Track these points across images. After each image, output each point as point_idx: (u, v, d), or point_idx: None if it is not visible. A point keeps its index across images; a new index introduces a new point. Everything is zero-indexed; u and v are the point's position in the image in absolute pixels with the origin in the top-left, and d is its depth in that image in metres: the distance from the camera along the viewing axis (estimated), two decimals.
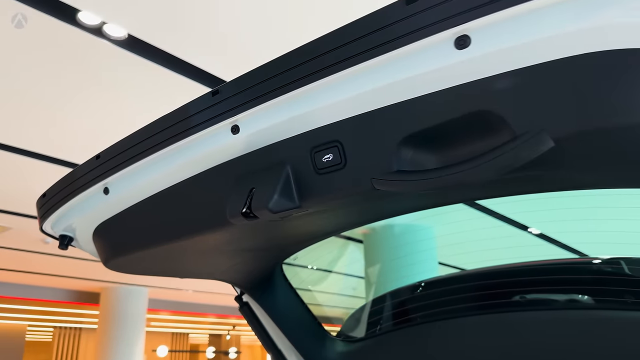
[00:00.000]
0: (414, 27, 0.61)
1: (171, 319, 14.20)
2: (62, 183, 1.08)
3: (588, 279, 1.42)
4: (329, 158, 0.75)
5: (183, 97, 1.21)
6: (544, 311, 1.37)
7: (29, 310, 11.71)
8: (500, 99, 0.62)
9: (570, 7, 0.54)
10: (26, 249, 6.87)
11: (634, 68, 0.55)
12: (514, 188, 0.97)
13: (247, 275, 1.37)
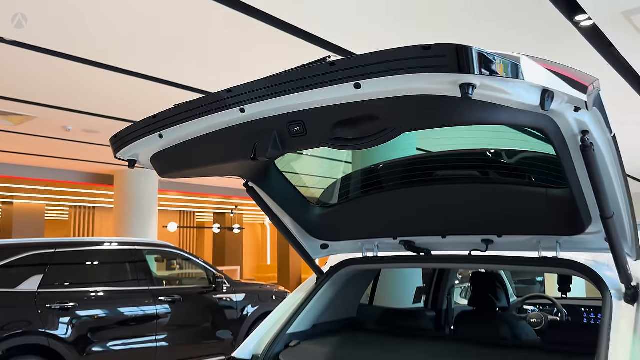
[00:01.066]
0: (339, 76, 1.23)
1: (179, 199, 15.28)
2: (130, 129, 1.71)
3: (482, 163, 2.12)
4: (297, 129, 1.41)
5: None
6: (454, 184, 2.08)
7: (47, 191, 12.70)
8: (379, 110, 1.27)
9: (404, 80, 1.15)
10: (47, 136, 7.54)
11: (428, 100, 1.17)
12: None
13: (251, 172, 2.04)
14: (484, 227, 1.95)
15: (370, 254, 2.31)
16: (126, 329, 5.20)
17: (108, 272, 5.51)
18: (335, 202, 2.38)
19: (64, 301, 4.82)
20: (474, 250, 2.04)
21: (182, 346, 5.59)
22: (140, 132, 1.67)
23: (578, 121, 1.26)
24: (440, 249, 2.19)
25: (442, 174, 2.11)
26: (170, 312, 5.54)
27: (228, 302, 6.18)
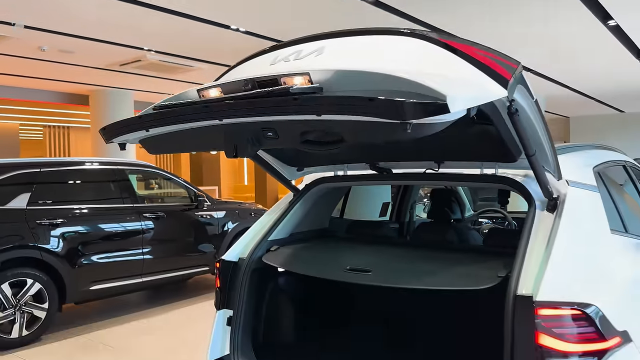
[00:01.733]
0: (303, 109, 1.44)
1: None
2: (118, 125, 1.89)
3: None
4: (270, 134, 1.64)
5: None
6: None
7: (21, 111, 12.57)
8: (337, 128, 1.48)
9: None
10: (22, 56, 7.46)
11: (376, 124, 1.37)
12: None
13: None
14: (438, 155, 2.25)
15: (341, 173, 2.61)
16: (113, 243, 5.53)
17: (93, 191, 5.75)
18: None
19: (53, 217, 5.08)
20: (428, 169, 2.36)
21: (167, 258, 5.99)
22: (127, 128, 1.88)
23: (505, 98, 1.50)
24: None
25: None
26: (155, 228, 5.87)
27: (209, 219, 6.55)
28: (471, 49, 1.49)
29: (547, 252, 1.64)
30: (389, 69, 1.39)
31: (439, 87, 1.27)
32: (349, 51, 1.64)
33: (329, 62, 1.59)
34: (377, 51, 1.61)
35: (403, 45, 1.57)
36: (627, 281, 1.79)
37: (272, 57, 1.80)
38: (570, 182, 1.91)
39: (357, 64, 1.49)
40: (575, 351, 1.48)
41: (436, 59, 1.50)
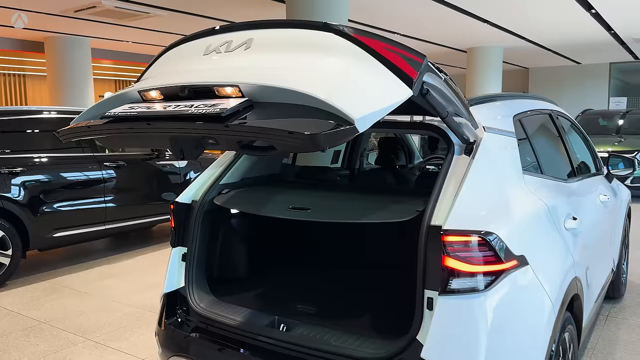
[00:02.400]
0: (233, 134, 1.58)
1: (114, 67, 14.93)
2: (71, 130, 1.92)
3: None
4: (211, 141, 1.75)
5: None
6: None
7: None
8: (268, 140, 1.59)
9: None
10: None
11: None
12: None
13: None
14: None
15: None
16: (75, 191, 5.62)
17: (52, 140, 5.75)
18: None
19: (13, 166, 5.12)
20: None
21: (130, 206, 6.13)
22: (80, 134, 1.95)
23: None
24: None
25: None
26: (116, 177, 5.97)
27: (171, 168, 6.66)
28: (380, 45, 1.62)
29: (459, 188, 1.88)
30: (308, 81, 1.54)
31: (349, 109, 1.41)
32: (273, 48, 1.74)
33: (255, 62, 1.72)
34: (298, 49, 1.71)
35: (321, 41, 1.68)
36: (528, 214, 2.05)
37: (205, 44, 1.89)
38: (487, 128, 2.14)
39: (281, 73, 1.62)
40: (476, 271, 1.74)
41: (348, 59, 1.62)
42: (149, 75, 2.08)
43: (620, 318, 4.04)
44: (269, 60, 1.71)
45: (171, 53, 2.05)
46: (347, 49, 1.64)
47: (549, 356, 1.96)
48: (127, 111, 1.76)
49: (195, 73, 1.80)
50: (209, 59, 1.84)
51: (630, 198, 4.63)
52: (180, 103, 1.69)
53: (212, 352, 2.13)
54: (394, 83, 1.57)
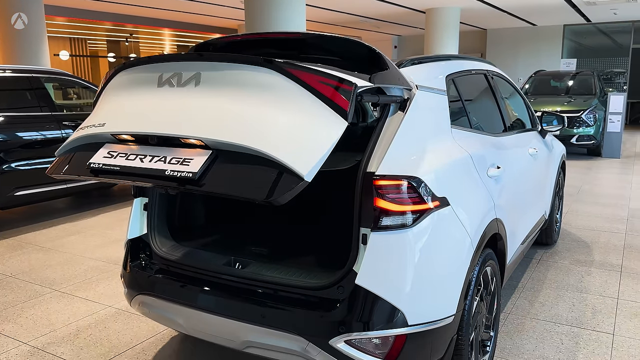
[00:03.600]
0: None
1: (69, 25, 14.50)
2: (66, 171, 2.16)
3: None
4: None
5: None
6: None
7: None
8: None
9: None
10: None
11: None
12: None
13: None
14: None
15: None
16: (34, 150, 5.65)
17: (8, 99, 5.73)
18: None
19: None
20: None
21: None
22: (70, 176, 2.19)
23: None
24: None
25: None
26: None
27: None
28: (314, 78, 1.86)
29: (391, 140, 2.13)
30: (261, 135, 1.79)
31: (299, 165, 1.71)
32: (221, 86, 1.97)
33: (210, 106, 1.93)
34: (244, 89, 1.94)
35: (263, 79, 1.91)
36: (452, 162, 2.32)
37: (156, 73, 2.10)
38: (420, 87, 2.38)
39: (236, 126, 1.85)
40: (403, 210, 2.01)
41: (289, 98, 1.87)
42: (108, 101, 2.26)
43: (551, 261, 4.47)
44: (221, 105, 1.92)
45: (124, 77, 2.22)
46: (286, 87, 1.88)
47: (467, 284, 2.27)
48: (111, 163, 2.03)
49: (160, 117, 2.00)
50: (164, 94, 2.04)
51: (565, 153, 5.02)
52: (153, 153, 1.97)
53: (174, 289, 2.36)
54: (331, 118, 1.82)
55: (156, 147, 1.99)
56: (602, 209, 6.28)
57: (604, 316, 3.42)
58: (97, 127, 2.14)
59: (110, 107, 2.22)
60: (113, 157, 2.04)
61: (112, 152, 2.07)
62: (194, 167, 1.83)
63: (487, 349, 2.70)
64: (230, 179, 1.81)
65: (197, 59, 2.03)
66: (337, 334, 1.99)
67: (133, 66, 2.20)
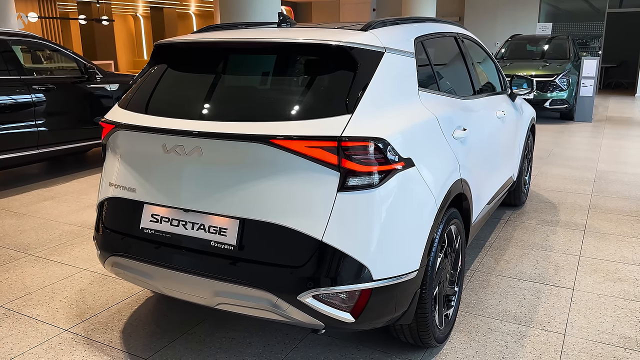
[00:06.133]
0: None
1: None
2: None
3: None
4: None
5: None
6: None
7: None
8: None
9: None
10: None
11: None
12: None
13: None
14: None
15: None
16: (3, 115, 5.55)
17: None
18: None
19: None
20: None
21: (62, 130, 6.13)
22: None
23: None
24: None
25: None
26: (46, 101, 5.92)
27: (103, 92, 6.63)
28: (301, 145, 2.03)
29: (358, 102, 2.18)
30: (276, 210, 2.10)
31: (314, 232, 2.06)
32: (222, 160, 2.18)
33: (217, 176, 2.19)
34: (244, 163, 2.15)
35: (259, 154, 2.11)
36: (418, 124, 2.37)
37: (159, 142, 2.28)
38: (388, 49, 2.41)
39: (253, 202, 2.14)
40: (368, 171, 2.07)
41: (289, 169, 2.08)
42: (124, 159, 2.48)
43: (518, 221, 4.62)
44: (232, 178, 2.17)
45: (128, 138, 2.42)
46: (283, 160, 2.08)
47: (431, 241, 2.36)
48: (161, 229, 2.33)
49: (186, 190, 2.25)
50: (176, 160, 2.26)
51: (535, 116, 5.12)
52: (191, 220, 2.26)
53: (145, 249, 2.40)
54: (326, 179, 2.07)
55: (190, 213, 2.26)
56: (570, 171, 6.45)
57: (565, 272, 3.57)
58: (129, 192, 2.42)
59: (131, 169, 2.43)
60: (159, 222, 2.33)
61: (155, 216, 2.35)
62: (231, 238, 2.17)
63: (452, 304, 2.82)
64: (263, 248, 2.13)
65: (190, 135, 2.18)
66: (305, 289, 2.07)
67: (129, 129, 2.39)
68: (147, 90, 2.53)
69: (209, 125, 2.17)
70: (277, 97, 2.25)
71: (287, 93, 2.26)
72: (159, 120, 2.30)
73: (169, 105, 2.39)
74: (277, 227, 2.10)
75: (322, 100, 2.17)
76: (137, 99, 2.52)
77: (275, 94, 2.27)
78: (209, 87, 2.42)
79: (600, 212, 4.88)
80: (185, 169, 2.26)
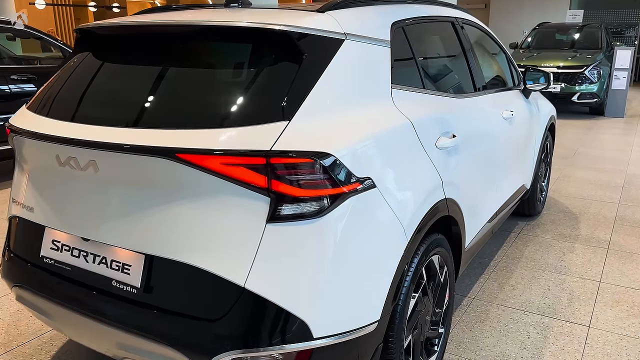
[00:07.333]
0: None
1: None
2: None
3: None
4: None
5: None
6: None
7: None
8: None
9: None
10: None
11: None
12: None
13: None
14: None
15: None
16: None
17: None
18: None
19: None
20: None
21: None
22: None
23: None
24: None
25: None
26: (25, 91, 5.58)
27: None
28: (216, 161, 1.53)
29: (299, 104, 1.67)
30: (189, 246, 1.61)
31: (233, 276, 1.57)
32: (124, 178, 1.70)
33: (119, 201, 1.72)
34: (148, 181, 1.66)
35: (164, 170, 1.61)
36: (382, 132, 1.83)
37: (52, 152, 1.81)
38: (349, 36, 1.89)
39: (159, 235, 1.66)
40: (308, 195, 1.56)
41: (195, 191, 1.59)
42: (23, 173, 2.06)
43: (531, 235, 4.05)
44: (135, 203, 1.70)
45: (26, 145, 1.96)
46: (195, 181, 1.58)
47: (399, 281, 1.85)
48: (61, 260, 1.88)
49: (86, 215, 1.80)
50: (73, 177, 1.80)
51: (555, 114, 4.51)
52: (93, 252, 1.80)
53: (47, 282, 1.96)
54: (251, 207, 1.57)
55: (90, 243, 1.82)
56: (596, 175, 5.81)
57: (581, 303, 3.01)
58: (29, 212, 1.99)
59: (30, 184, 1.99)
60: (59, 251, 1.90)
61: (56, 243, 1.91)
62: (135, 277, 1.71)
63: (435, 349, 2.31)
64: (172, 293, 1.66)
65: (80, 144, 1.71)
66: (223, 350, 1.59)
67: (21, 134, 1.94)
68: (57, 88, 2.06)
69: (104, 133, 1.69)
70: (196, 97, 1.75)
71: (209, 92, 1.76)
72: (54, 124, 1.84)
73: (73, 107, 1.92)
74: (188, 268, 1.62)
75: (252, 103, 1.67)
76: (44, 98, 2.06)
77: (196, 93, 1.77)
78: (120, 84, 1.93)
79: (628, 225, 4.27)
80: (82, 188, 1.79)
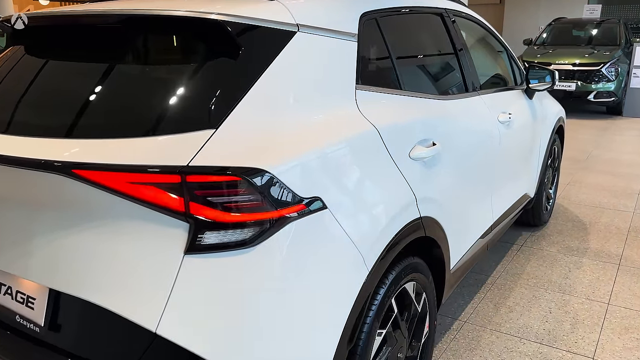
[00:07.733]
0: None
1: None
2: None
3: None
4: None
5: None
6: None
7: None
8: None
9: None
10: None
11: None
12: None
13: None
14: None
15: None
16: None
17: None
18: None
19: None
20: None
21: None
22: None
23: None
24: None
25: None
26: None
27: None
28: (118, 178, 1.25)
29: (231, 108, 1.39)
30: (95, 285, 1.35)
31: (144, 321, 1.30)
32: (15, 204, 1.46)
33: (4, 224, 1.48)
34: (47, 200, 1.40)
35: (53, 191, 1.35)
36: (337, 143, 1.52)
37: None
38: (302, 27, 1.60)
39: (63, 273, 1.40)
40: (237, 220, 1.29)
41: (99, 215, 1.32)
42: None
43: (535, 248, 3.72)
44: (35, 225, 1.43)
45: None
46: (98, 202, 1.30)
47: (357, 317, 1.56)
48: None
49: None
50: None
51: (563, 115, 4.17)
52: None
53: None
54: (165, 235, 1.28)
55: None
56: (611, 180, 5.43)
57: (585, 330, 2.69)
58: None
59: None
60: None
61: None
62: (39, 313, 1.45)
63: None
64: (77, 336, 1.42)
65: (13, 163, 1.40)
66: None
67: None
68: None
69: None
70: (109, 100, 1.47)
71: (125, 95, 1.48)
72: None
73: None
74: (94, 307, 1.35)
75: (174, 107, 1.39)
76: None
77: (109, 95, 1.49)
78: (23, 85, 1.67)
79: None
80: None
